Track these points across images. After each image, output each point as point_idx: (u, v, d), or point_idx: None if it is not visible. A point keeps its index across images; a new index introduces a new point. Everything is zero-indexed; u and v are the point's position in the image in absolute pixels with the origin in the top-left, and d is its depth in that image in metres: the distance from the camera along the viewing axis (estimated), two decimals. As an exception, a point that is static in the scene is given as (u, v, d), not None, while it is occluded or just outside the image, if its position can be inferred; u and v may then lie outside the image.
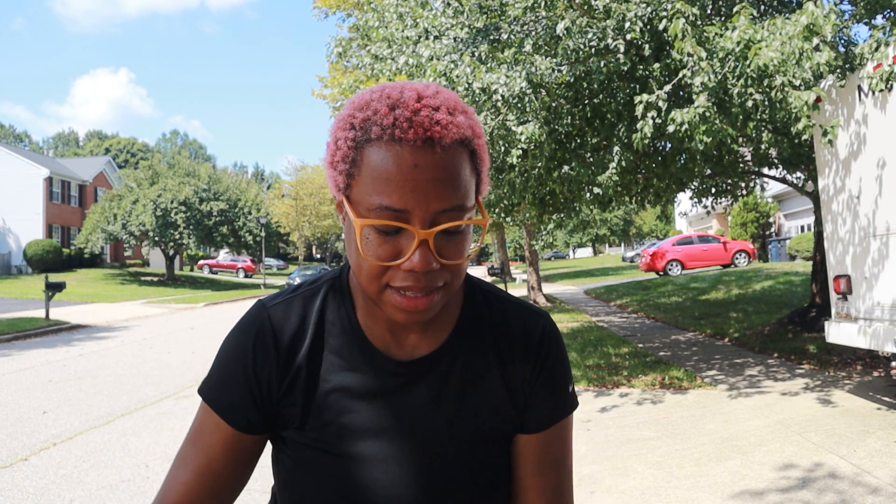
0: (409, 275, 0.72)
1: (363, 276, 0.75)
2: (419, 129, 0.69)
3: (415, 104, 0.70)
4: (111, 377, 8.17)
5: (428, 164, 0.70)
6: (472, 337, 0.88)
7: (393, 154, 0.70)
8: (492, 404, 0.87)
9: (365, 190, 0.71)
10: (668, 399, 5.79)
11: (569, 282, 28.28)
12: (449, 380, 0.86)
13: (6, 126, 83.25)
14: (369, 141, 0.71)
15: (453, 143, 0.71)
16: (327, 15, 18.27)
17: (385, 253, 0.72)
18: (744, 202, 26.01)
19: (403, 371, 0.85)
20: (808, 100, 4.37)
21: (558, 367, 0.91)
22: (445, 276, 0.75)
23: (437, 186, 0.70)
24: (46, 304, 15.64)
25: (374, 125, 0.71)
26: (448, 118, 0.71)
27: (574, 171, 6.13)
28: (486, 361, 0.88)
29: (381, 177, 0.70)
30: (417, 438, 0.85)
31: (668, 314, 12.50)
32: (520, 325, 0.90)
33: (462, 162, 0.73)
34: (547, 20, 5.91)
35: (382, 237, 0.72)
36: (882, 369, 6.26)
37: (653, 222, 57.35)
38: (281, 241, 54.02)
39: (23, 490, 4.07)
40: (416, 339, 0.86)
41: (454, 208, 0.72)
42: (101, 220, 31.57)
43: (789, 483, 3.58)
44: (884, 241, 4.73)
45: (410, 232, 0.71)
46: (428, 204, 0.70)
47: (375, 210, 0.71)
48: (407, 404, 0.85)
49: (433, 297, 0.74)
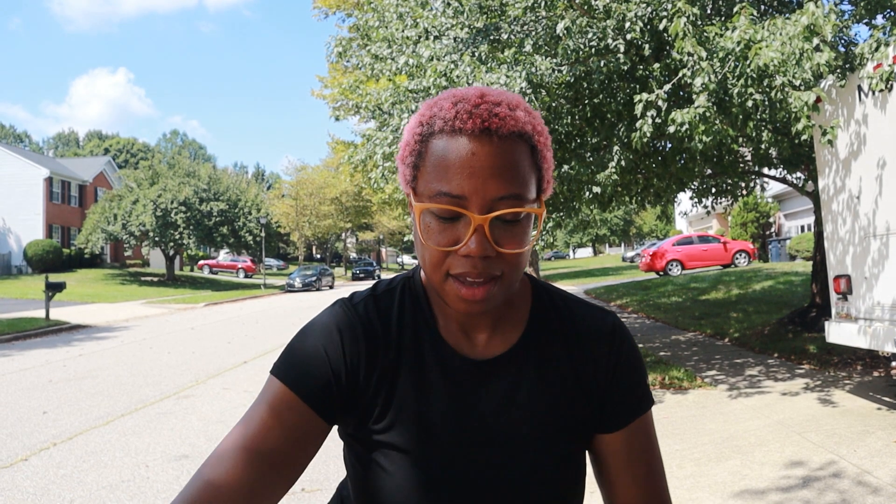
0: (467, 261, 0.74)
1: (427, 264, 0.78)
2: (477, 119, 0.73)
3: (476, 99, 0.74)
4: (111, 377, 8.17)
5: (485, 152, 0.73)
6: (543, 336, 0.89)
7: (452, 143, 0.73)
8: (567, 403, 0.88)
9: (427, 179, 0.75)
10: (668, 399, 5.79)
11: (569, 282, 28.27)
12: (523, 379, 0.86)
13: (6, 126, 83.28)
14: (433, 134, 0.75)
15: (511, 134, 0.74)
16: (327, 15, 18.29)
17: (444, 239, 0.75)
18: (744, 202, 26.00)
19: (478, 370, 0.86)
20: (808, 100, 4.37)
21: (632, 364, 0.91)
22: (503, 266, 0.76)
23: (494, 174, 0.73)
24: (46, 305, 15.64)
25: (438, 119, 0.75)
26: (507, 112, 0.74)
27: (574, 171, 6.13)
28: (559, 360, 0.88)
29: (440, 164, 0.74)
30: (493, 438, 0.85)
31: (668, 314, 12.49)
32: (590, 323, 0.91)
33: (520, 154, 0.75)
34: (547, 20, 5.91)
35: (442, 224, 0.75)
36: (882, 369, 6.26)
37: (653, 222, 57.34)
38: (281, 242, 54.01)
39: (23, 490, 4.06)
40: (488, 339, 0.87)
41: (511, 196, 0.74)
42: (101, 220, 31.58)
43: (790, 483, 3.58)
44: (884, 240, 4.73)
45: (468, 218, 0.73)
46: (485, 190, 0.72)
47: (435, 197, 0.74)
48: (483, 403, 0.85)
49: (491, 287, 0.76)
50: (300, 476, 0.82)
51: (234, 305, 22.99)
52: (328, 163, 45.54)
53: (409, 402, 0.85)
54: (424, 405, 0.85)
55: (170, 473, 4.32)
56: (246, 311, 19.64)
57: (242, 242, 35.06)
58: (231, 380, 7.79)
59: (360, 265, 46.16)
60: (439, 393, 0.85)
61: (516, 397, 0.86)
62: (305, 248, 58.02)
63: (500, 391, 0.86)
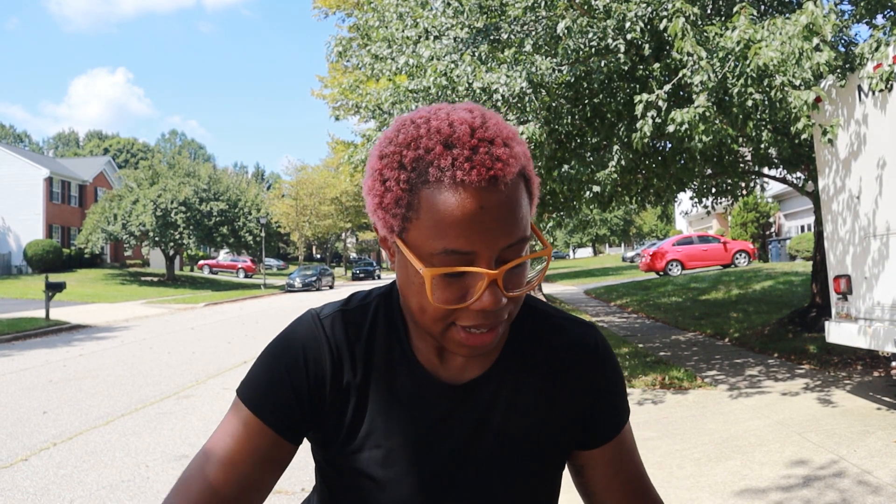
0: (479, 314, 0.70)
1: (427, 318, 0.72)
2: (482, 169, 0.66)
3: (470, 140, 0.67)
4: (111, 377, 8.17)
5: (493, 203, 0.67)
6: (521, 357, 0.86)
7: (456, 197, 0.66)
8: (544, 425, 0.86)
9: (426, 234, 0.68)
10: (668, 399, 5.79)
11: (569, 282, 28.27)
12: (498, 402, 0.84)
13: (6, 126, 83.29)
14: (427, 183, 0.67)
15: (514, 177, 0.69)
16: (327, 15, 18.28)
17: (452, 295, 0.70)
18: (744, 202, 25.99)
19: (452, 395, 0.83)
20: (808, 99, 4.37)
21: (614, 381, 0.90)
22: (510, 308, 0.73)
23: (502, 224, 0.68)
24: (46, 305, 15.64)
25: (429, 166, 0.67)
26: (506, 151, 0.68)
27: (574, 171, 6.13)
28: (538, 381, 0.86)
29: (444, 221, 0.66)
30: (467, 463, 0.83)
31: (668, 314, 12.49)
32: (572, 341, 0.88)
33: (521, 193, 0.70)
34: (547, 20, 5.91)
35: (447, 280, 0.70)
36: (882, 369, 6.26)
37: (653, 222, 57.35)
38: (281, 242, 54.02)
39: (23, 490, 4.06)
40: (464, 362, 0.84)
41: (518, 241, 0.70)
42: (101, 220, 31.58)
43: (790, 483, 3.58)
44: (884, 240, 4.73)
45: (477, 273, 0.69)
46: (495, 243, 0.68)
47: (440, 255, 0.68)
48: (456, 428, 0.83)
49: (497, 332, 0.73)
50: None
51: (234, 305, 22.99)
52: (328, 163, 45.55)
53: (377, 425, 0.82)
54: (394, 429, 0.82)
55: (170, 473, 4.32)
56: (246, 311, 19.65)
57: (242, 242, 35.06)
58: (231, 380, 7.79)
59: (360, 265, 46.13)
60: (410, 417, 0.82)
61: (490, 421, 0.83)
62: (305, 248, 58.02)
63: (474, 415, 0.83)
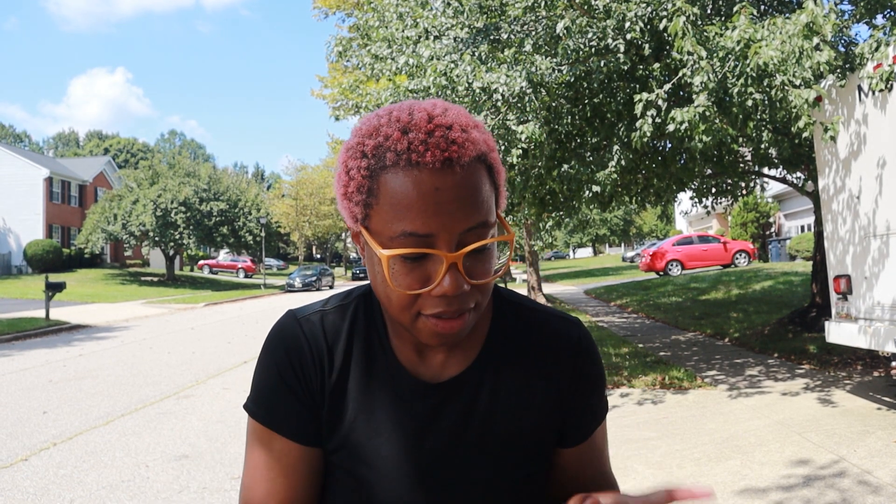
0: (441, 300, 0.71)
1: (393, 306, 0.73)
2: (436, 150, 0.67)
3: (427, 125, 0.68)
4: (111, 377, 8.17)
5: (449, 185, 0.68)
6: (502, 354, 0.85)
7: (412, 179, 0.67)
8: (530, 419, 0.85)
9: (385, 219, 0.69)
10: (668, 399, 5.79)
11: (569, 282, 28.27)
12: (478, 400, 0.83)
13: (6, 126, 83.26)
14: (384, 168, 0.68)
15: (471, 160, 0.69)
16: (327, 15, 18.28)
17: (413, 281, 0.70)
18: (744, 202, 25.99)
19: (432, 393, 0.82)
20: (809, 97, 4.37)
21: (595, 378, 0.89)
22: (476, 297, 0.73)
23: (460, 206, 0.68)
24: (46, 304, 15.64)
25: (387, 151, 0.68)
26: (463, 135, 0.69)
27: (574, 170, 6.13)
28: (520, 377, 0.85)
29: (401, 203, 0.68)
30: (448, 462, 0.83)
31: (668, 314, 12.49)
32: (554, 336, 0.87)
33: (481, 178, 0.71)
34: (547, 20, 5.91)
35: (409, 265, 0.70)
36: (882, 369, 6.26)
37: (653, 222, 57.34)
38: (281, 242, 54.03)
39: (23, 490, 4.06)
40: (444, 360, 0.84)
41: (479, 226, 0.70)
42: (101, 220, 31.58)
43: (790, 483, 3.57)
44: (884, 240, 4.73)
45: (437, 256, 0.69)
46: (453, 225, 0.68)
47: (399, 238, 0.69)
48: (437, 427, 0.82)
49: (466, 318, 0.73)
50: None
51: (234, 305, 22.99)
52: (328, 163, 45.58)
53: (360, 425, 0.82)
54: (377, 429, 0.82)
55: (170, 473, 4.32)
56: (246, 311, 19.64)
57: (242, 242, 35.07)
58: (231, 380, 7.79)
59: (359, 265, 46.08)
60: (392, 416, 0.82)
61: (473, 418, 0.83)
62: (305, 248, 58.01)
63: (456, 413, 0.83)
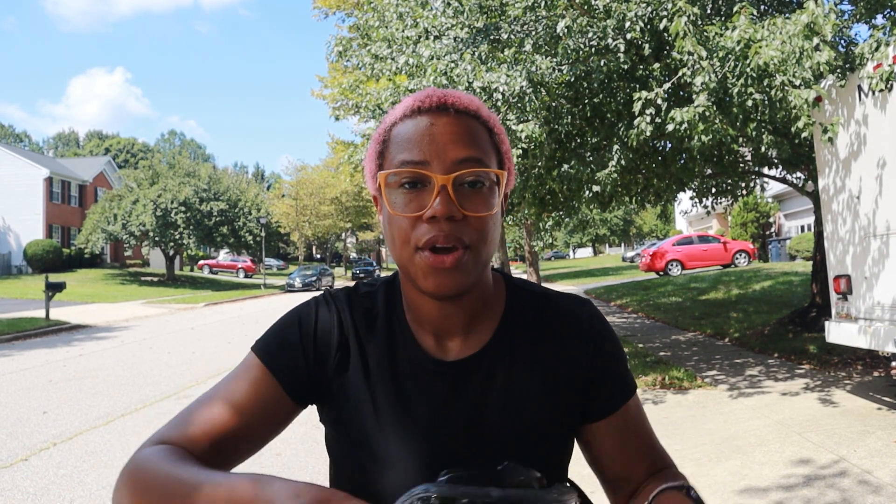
0: (433, 225, 0.76)
1: (396, 242, 0.79)
2: (434, 98, 0.80)
3: (435, 93, 0.81)
4: (111, 377, 8.17)
5: (443, 122, 0.79)
6: (517, 334, 0.88)
7: (412, 122, 0.80)
8: (547, 397, 0.86)
9: (391, 157, 0.80)
10: (668, 399, 5.79)
11: (569, 282, 28.27)
12: (496, 378, 0.85)
13: (6, 126, 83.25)
14: (395, 123, 0.82)
15: (467, 110, 0.81)
16: (327, 15, 18.29)
17: (410, 208, 0.77)
18: (744, 202, 25.99)
19: (449, 371, 0.85)
20: (809, 98, 4.37)
21: (612, 351, 0.91)
22: (470, 234, 0.77)
23: (454, 139, 0.78)
24: (46, 304, 15.63)
25: (399, 110, 0.82)
26: (464, 98, 0.82)
27: (574, 170, 6.13)
28: (536, 356, 0.87)
29: (402, 141, 0.79)
30: (470, 440, 0.84)
31: (668, 314, 12.49)
32: (566, 315, 0.90)
33: (477, 129, 0.81)
34: (547, 20, 5.91)
35: (407, 194, 0.78)
36: (882, 369, 6.26)
37: (653, 222, 57.33)
38: (281, 242, 53.99)
39: (23, 490, 4.06)
40: (461, 342, 0.86)
41: (472, 159, 0.78)
42: (101, 220, 31.56)
43: (790, 483, 3.57)
44: (884, 240, 4.73)
45: (432, 184, 0.76)
46: (445, 153, 0.77)
47: (397, 167, 0.78)
48: (456, 406, 0.84)
49: (459, 255, 0.76)
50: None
51: (234, 305, 22.99)
52: (328, 163, 45.52)
53: (377, 402, 0.84)
54: (397, 409, 0.84)
55: (170, 473, 4.32)
56: (246, 311, 19.64)
57: (242, 242, 35.06)
58: (231, 380, 7.79)
59: (360, 265, 46.10)
60: (411, 396, 0.84)
61: (490, 398, 0.85)
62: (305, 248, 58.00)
63: (473, 393, 0.84)
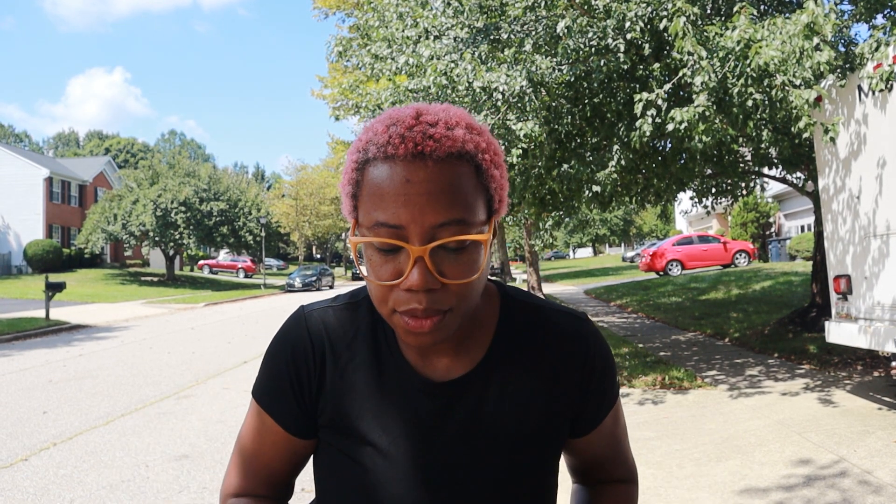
0: (411, 296, 0.70)
1: (374, 299, 0.74)
2: (409, 143, 0.68)
3: (410, 121, 0.70)
4: (111, 377, 8.17)
5: (419, 178, 0.68)
6: (510, 354, 0.85)
7: (386, 170, 0.69)
8: (539, 417, 0.85)
9: (365, 209, 0.71)
10: (668, 399, 5.79)
11: (569, 282, 28.27)
12: (486, 400, 0.83)
13: (6, 126, 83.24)
14: (368, 161, 0.71)
15: (448, 156, 0.69)
16: (327, 15, 18.31)
17: (386, 273, 0.71)
18: (744, 202, 25.99)
19: (440, 392, 0.82)
20: (809, 98, 4.37)
21: (606, 372, 0.89)
22: (450, 300, 0.71)
23: (431, 200, 0.68)
24: (46, 304, 15.63)
25: (371, 145, 0.71)
26: (444, 132, 0.69)
27: (574, 170, 6.13)
28: (529, 377, 0.85)
29: (376, 193, 0.69)
30: (457, 461, 0.82)
31: (668, 314, 12.49)
32: (561, 334, 0.86)
33: (461, 176, 0.70)
34: (547, 20, 5.91)
35: (383, 257, 0.71)
36: (882, 369, 6.26)
37: (653, 222, 57.35)
38: (281, 242, 54.00)
39: (23, 490, 4.06)
40: (450, 361, 0.83)
41: (453, 222, 0.69)
42: (101, 220, 31.57)
43: (790, 483, 3.57)
44: (884, 240, 4.73)
45: (408, 250, 0.69)
46: (423, 219, 0.68)
47: (373, 228, 0.69)
48: (444, 426, 0.82)
49: (439, 318, 0.71)
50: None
51: (234, 305, 22.99)
52: (328, 163, 45.58)
53: (365, 422, 0.82)
54: (385, 427, 0.82)
55: (170, 473, 4.32)
56: (246, 311, 19.65)
57: (242, 242, 35.07)
58: (231, 379, 7.79)
59: (359, 265, 46.06)
60: (400, 414, 0.82)
61: (481, 417, 0.82)
62: (305, 248, 58.00)
63: (465, 412, 0.82)
